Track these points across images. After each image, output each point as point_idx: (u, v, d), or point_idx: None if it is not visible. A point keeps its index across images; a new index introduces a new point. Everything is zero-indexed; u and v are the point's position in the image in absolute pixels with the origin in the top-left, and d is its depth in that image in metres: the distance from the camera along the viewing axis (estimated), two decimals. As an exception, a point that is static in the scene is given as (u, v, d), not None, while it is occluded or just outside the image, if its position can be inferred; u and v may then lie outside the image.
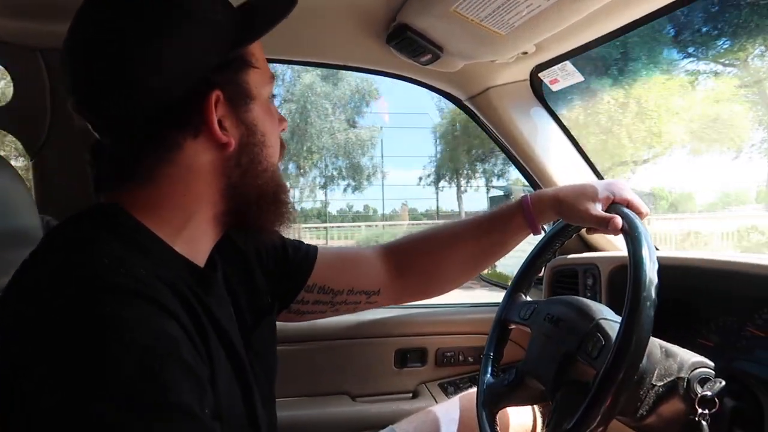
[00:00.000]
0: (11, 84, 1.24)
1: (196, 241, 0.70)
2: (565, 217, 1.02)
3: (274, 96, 0.76)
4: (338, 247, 1.08)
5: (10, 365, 0.52)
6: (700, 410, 0.78)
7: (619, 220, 0.91)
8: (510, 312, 1.10)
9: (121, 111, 0.64)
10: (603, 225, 0.94)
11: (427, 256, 1.08)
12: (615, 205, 0.96)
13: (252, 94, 0.70)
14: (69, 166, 1.26)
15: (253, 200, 0.72)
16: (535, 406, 1.17)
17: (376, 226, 22.37)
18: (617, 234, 0.91)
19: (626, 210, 0.91)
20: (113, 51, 0.62)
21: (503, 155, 1.69)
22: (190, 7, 0.64)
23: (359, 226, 22.76)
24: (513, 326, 1.09)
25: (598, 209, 0.96)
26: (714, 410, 0.78)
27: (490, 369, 1.07)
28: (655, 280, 0.76)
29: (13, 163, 0.89)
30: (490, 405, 1.02)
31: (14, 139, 1.28)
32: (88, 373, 0.50)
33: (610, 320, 0.89)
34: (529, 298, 1.12)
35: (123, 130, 0.65)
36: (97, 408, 0.49)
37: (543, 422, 1.16)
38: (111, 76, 0.62)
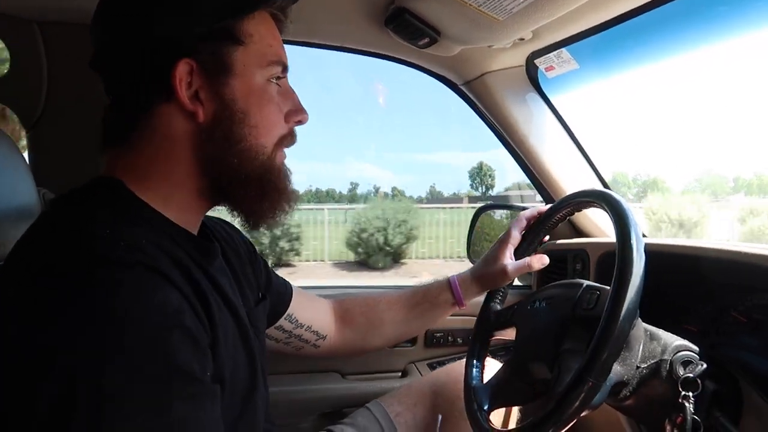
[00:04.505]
0: (8, 57, 1.24)
1: (185, 209, 0.72)
2: (491, 285, 1.16)
3: (277, 81, 0.75)
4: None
5: (12, 339, 0.53)
6: (683, 392, 0.80)
7: (536, 257, 1.10)
8: (489, 322, 1.13)
9: (111, 73, 0.71)
10: (527, 269, 1.11)
11: (365, 315, 1.20)
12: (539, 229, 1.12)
13: (232, 70, 0.69)
14: (65, 139, 1.27)
15: (237, 179, 0.72)
16: None
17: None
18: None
19: (612, 194, 0.91)
20: (111, 14, 0.70)
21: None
22: None
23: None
24: (495, 334, 1.11)
25: (513, 263, 1.12)
26: (696, 392, 0.80)
27: (475, 373, 1.07)
28: (642, 259, 0.78)
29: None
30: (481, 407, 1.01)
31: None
32: (92, 342, 0.51)
33: (598, 285, 0.92)
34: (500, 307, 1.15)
35: (115, 91, 0.71)
36: (101, 376, 0.50)
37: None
38: (109, 37, 0.70)
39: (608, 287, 0.80)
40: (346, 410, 1.50)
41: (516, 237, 1.13)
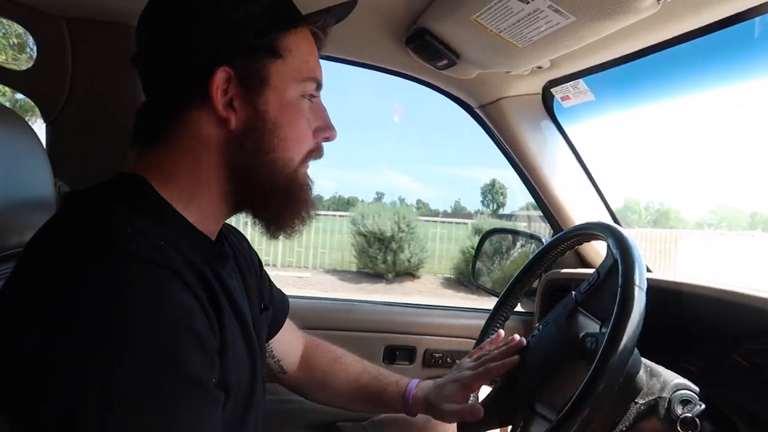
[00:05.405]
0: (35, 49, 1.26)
1: (206, 213, 0.73)
2: (435, 416, 1.04)
3: (310, 97, 0.76)
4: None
5: (27, 331, 0.53)
6: None
7: (468, 409, 0.93)
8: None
9: (150, 72, 0.73)
10: (465, 416, 0.95)
11: (323, 374, 1.16)
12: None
13: (269, 82, 0.71)
14: (83, 133, 1.29)
15: (262, 188, 0.73)
16: None
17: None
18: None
19: (620, 230, 0.89)
20: (157, 15, 0.72)
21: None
22: None
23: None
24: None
25: (458, 409, 0.97)
26: None
27: None
28: (644, 298, 0.76)
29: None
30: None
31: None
32: (105, 339, 0.52)
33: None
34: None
35: (151, 90, 0.73)
36: (110, 373, 0.51)
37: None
38: (151, 37, 0.71)
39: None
40: (339, 424, 1.50)
41: (475, 386, 0.99)
